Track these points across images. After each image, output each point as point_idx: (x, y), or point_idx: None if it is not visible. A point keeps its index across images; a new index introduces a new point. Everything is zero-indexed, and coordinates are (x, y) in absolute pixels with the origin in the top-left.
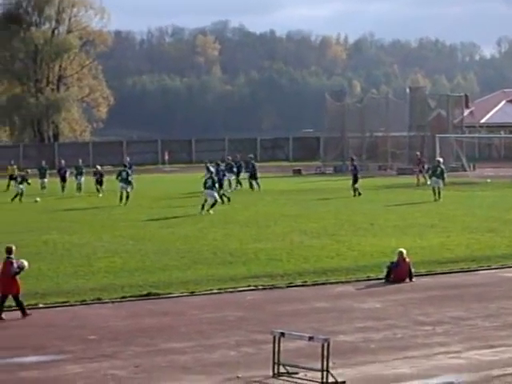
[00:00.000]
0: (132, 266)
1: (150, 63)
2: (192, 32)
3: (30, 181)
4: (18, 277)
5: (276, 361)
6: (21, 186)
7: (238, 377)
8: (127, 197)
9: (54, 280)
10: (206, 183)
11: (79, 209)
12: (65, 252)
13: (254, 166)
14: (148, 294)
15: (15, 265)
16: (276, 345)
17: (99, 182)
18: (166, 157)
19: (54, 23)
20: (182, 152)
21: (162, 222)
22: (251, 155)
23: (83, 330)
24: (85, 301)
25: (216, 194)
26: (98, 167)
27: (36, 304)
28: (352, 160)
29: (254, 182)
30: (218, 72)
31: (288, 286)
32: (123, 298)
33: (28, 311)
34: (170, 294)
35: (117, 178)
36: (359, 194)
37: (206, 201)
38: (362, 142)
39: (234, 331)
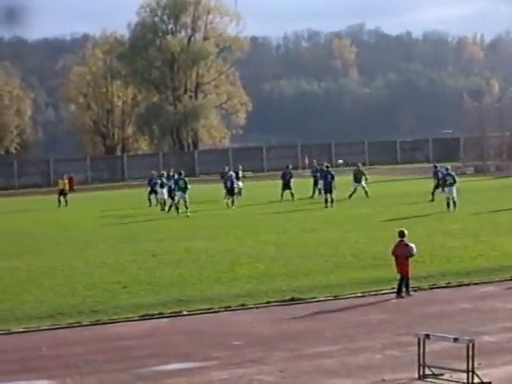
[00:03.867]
0: (275, 271)
1: (286, 68)
2: (328, 36)
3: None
4: (410, 259)
5: (421, 363)
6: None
7: (383, 379)
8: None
9: (198, 287)
10: None
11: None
12: (208, 258)
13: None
14: (292, 299)
15: (410, 247)
16: (421, 347)
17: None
18: (306, 161)
19: (189, 31)
20: (322, 156)
21: (303, 227)
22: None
23: (228, 336)
24: (229, 307)
25: None
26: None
27: (180, 311)
28: (435, 167)
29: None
30: (355, 75)
31: (431, 288)
32: (267, 303)
33: (411, 292)
34: (314, 298)
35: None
36: (432, 199)
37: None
38: (501, 141)
39: (379, 334)
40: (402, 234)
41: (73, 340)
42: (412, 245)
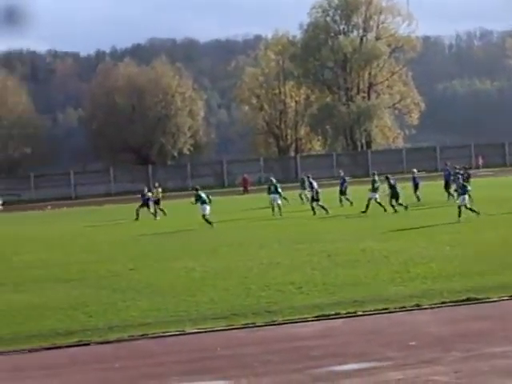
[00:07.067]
0: (449, 271)
1: (459, 67)
2: (500, 34)
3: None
4: None
5: None
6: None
7: None
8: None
9: (372, 287)
10: None
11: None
12: (382, 259)
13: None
14: (467, 299)
15: None
16: None
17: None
18: (480, 161)
19: (361, 31)
20: (496, 156)
21: (475, 228)
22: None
23: (403, 336)
24: (404, 307)
25: None
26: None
27: (355, 312)
28: (445, 165)
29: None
30: None
31: None
32: (442, 303)
33: None
34: (489, 298)
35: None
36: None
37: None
38: None
39: None
40: None
41: (247, 340)
42: None
